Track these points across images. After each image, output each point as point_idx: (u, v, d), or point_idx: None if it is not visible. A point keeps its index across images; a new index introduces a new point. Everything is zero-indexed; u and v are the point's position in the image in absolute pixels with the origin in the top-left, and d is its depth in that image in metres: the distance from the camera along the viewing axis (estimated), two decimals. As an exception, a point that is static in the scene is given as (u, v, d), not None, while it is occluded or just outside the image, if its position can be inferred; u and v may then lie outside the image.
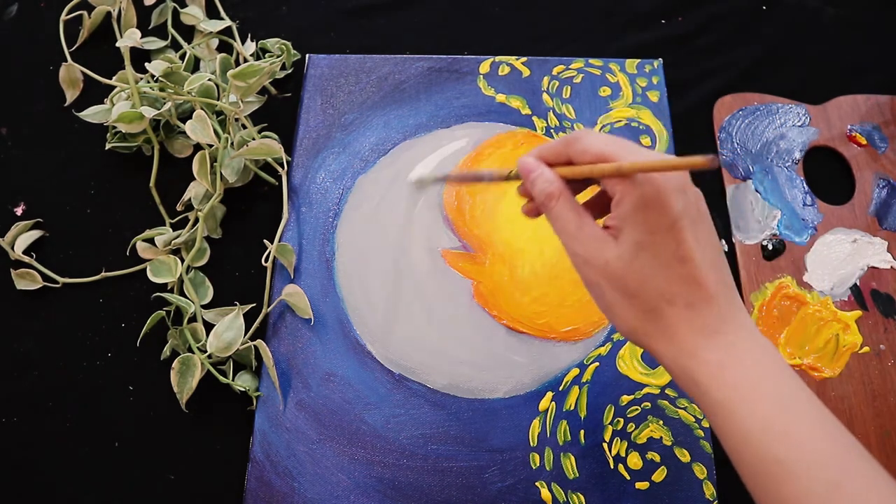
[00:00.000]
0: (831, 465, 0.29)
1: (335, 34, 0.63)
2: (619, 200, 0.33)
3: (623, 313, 0.33)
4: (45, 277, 0.53)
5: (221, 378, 0.47)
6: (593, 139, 0.34)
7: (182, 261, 0.52)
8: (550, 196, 0.35)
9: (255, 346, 0.49)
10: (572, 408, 0.48)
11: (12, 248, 0.53)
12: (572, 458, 0.46)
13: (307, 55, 0.61)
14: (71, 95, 0.60)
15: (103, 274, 0.53)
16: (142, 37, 0.58)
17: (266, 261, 0.52)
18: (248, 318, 0.50)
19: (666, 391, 0.48)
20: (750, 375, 0.32)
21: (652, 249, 0.32)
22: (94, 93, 0.60)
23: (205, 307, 0.51)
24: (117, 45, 0.57)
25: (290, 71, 0.61)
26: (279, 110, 0.59)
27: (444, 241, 0.53)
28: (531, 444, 0.47)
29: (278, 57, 0.59)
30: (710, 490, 0.45)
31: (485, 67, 0.60)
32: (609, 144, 0.33)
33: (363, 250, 0.53)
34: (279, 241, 0.53)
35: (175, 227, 0.55)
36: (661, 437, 0.47)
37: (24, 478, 0.48)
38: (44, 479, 0.48)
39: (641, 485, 0.46)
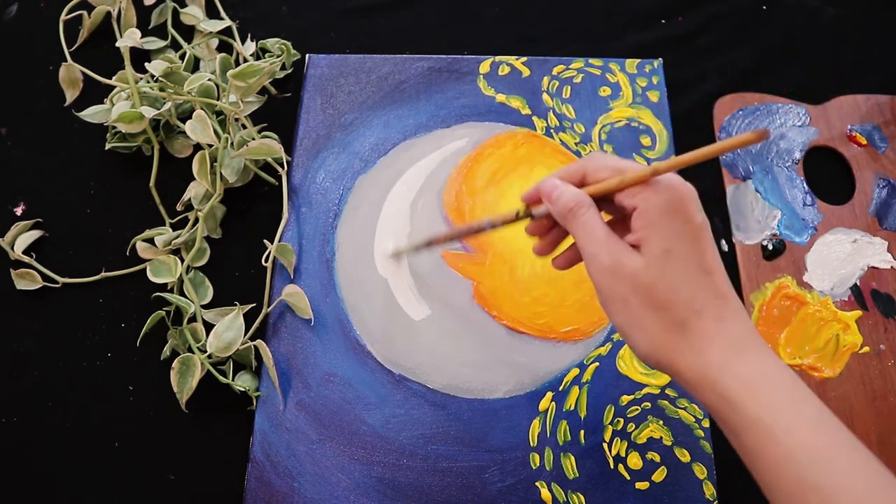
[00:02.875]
0: (873, 496, 0.28)
1: (335, 34, 0.63)
2: (643, 210, 0.32)
3: (649, 327, 0.32)
4: (45, 277, 0.53)
5: (221, 378, 0.47)
6: (606, 157, 0.35)
7: (182, 261, 0.52)
8: (580, 205, 0.34)
9: (255, 346, 0.49)
10: (572, 408, 0.48)
11: (12, 248, 0.53)
12: (572, 458, 0.46)
13: (307, 55, 0.61)
14: (71, 95, 0.60)
15: (103, 274, 0.53)
16: (142, 37, 0.58)
17: (266, 261, 0.52)
18: (248, 318, 0.50)
19: (666, 391, 0.48)
20: (785, 395, 0.31)
21: (679, 258, 0.32)
22: (94, 93, 0.60)
23: (205, 307, 0.51)
24: (117, 45, 0.57)
25: (290, 71, 0.61)
26: (279, 110, 0.59)
27: (443, 244, 0.53)
28: (531, 444, 0.47)
29: (278, 57, 0.59)
30: (710, 490, 0.45)
31: (485, 67, 0.60)
32: (622, 160, 0.34)
33: (363, 250, 0.53)
34: (279, 241, 0.53)
35: (175, 227, 0.55)
36: (661, 437, 0.47)
37: (24, 478, 0.48)
38: (44, 479, 0.48)
39: (641, 485, 0.46)
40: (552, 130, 0.57)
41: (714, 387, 0.31)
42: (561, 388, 0.48)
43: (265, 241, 0.52)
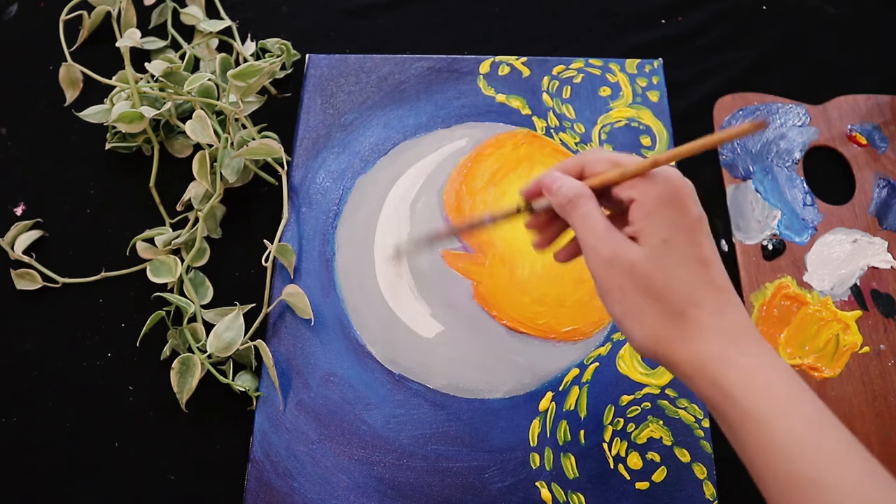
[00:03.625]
0: (866, 490, 0.29)
1: (335, 34, 0.63)
2: (641, 202, 0.33)
3: (646, 317, 0.32)
4: (45, 277, 0.53)
5: (221, 378, 0.47)
6: (604, 151, 0.36)
7: (182, 261, 0.52)
8: (579, 196, 0.34)
9: (255, 346, 0.49)
10: (572, 408, 0.48)
11: (12, 248, 0.53)
12: (572, 458, 0.46)
13: (307, 55, 0.61)
14: (71, 95, 0.60)
15: (103, 274, 0.53)
16: (142, 37, 0.58)
17: (266, 261, 0.52)
18: (248, 318, 0.50)
19: (666, 391, 0.48)
20: (781, 388, 0.31)
21: (677, 248, 0.32)
22: (94, 93, 0.60)
23: (205, 307, 0.51)
24: (117, 45, 0.57)
25: (290, 71, 0.61)
26: (279, 110, 0.59)
27: (444, 241, 0.53)
28: (531, 444, 0.47)
29: (278, 57, 0.58)
30: (710, 490, 0.45)
31: (485, 67, 0.60)
32: (620, 154, 0.35)
33: (363, 250, 0.53)
34: (279, 241, 0.53)
35: (175, 227, 0.55)
36: (661, 437, 0.47)
37: (25, 478, 0.48)
38: (44, 479, 0.48)
39: (641, 485, 0.46)
40: (552, 130, 0.57)
41: (711, 378, 0.31)
42: (561, 388, 0.48)
43: (265, 241, 0.52)
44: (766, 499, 0.31)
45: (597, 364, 0.49)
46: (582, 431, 0.47)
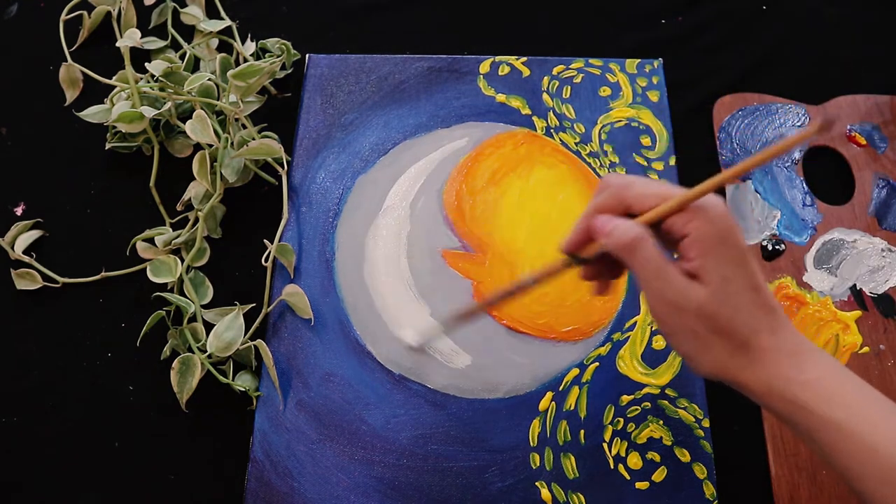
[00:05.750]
0: None
1: (335, 34, 0.63)
2: (696, 239, 0.33)
3: (714, 352, 0.34)
4: (45, 277, 0.53)
5: (221, 378, 0.47)
6: (646, 183, 0.35)
7: (182, 261, 0.52)
8: (638, 238, 0.33)
9: (255, 346, 0.49)
10: (572, 408, 0.48)
11: (12, 248, 0.53)
12: (572, 458, 0.46)
13: (307, 55, 0.61)
14: (71, 95, 0.60)
15: (103, 274, 0.53)
16: (142, 37, 0.58)
17: (266, 261, 0.52)
18: (248, 318, 0.50)
19: (666, 391, 0.48)
20: (853, 393, 0.33)
21: (736, 283, 0.33)
22: (94, 93, 0.60)
23: (205, 307, 0.51)
24: (117, 45, 0.57)
25: (290, 71, 0.61)
26: (279, 110, 0.59)
27: (444, 241, 0.53)
28: (531, 444, 0.47)
29: (278, 57, 0.58)
30: (710, 490, 0.45)
31: (485, 67, 0.60)
32: (665, 186, 0.35)
33: (363, 250, 0.53)
34: (279, 241, 0.53)
35: (175, 227, 0.55)
36: (661, 437, 0.47)
37: (25, 478, 0.48)
38: (44, 479, 0.48)
39: (641, 485, 0.46)
40: (552, 130, 0.57)
41: (782, 395, 0.33)
42: (561, 388, 0.48)
43: (265, 241, 0.52)
44: (860, 496, 0.32)
45: (597, 364, 0.49)
46: (582, 431, 0.47)
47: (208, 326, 0.49)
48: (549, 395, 0.48)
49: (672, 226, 0.34)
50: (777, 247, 0.52)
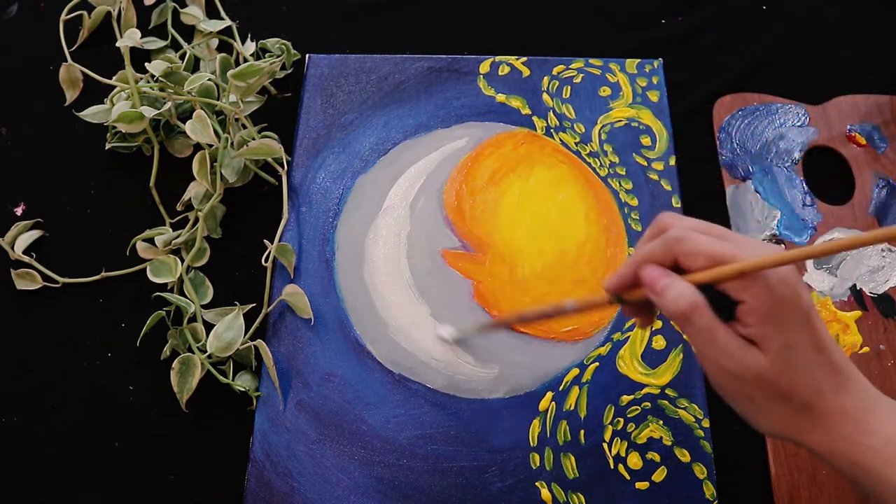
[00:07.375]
0: None
1: (335, 34, 0.63)
2: (755, 307, 0.31)
3: (774, 415, 0.33)
4: (45, 277, 0.53)
5: (221, 378, 0.47)
6: (699, 240, 0.32)
7: (182, 261, 0.52)
8: (694, 307, 0.32)
9: (255, 346, 0.49)
10: (572, 408, 0.48)
11: (12, 248, 0.53)
12: (572, 458, 0.46)
13: (307, 55, 0.61)
14: (71, 95, 0.60)
15: (103, 274, 0.53)
16: (142, 37, 0.58)
17: (266, 261, 0.52)
18: (248, 318, 0.50)
19: (666, 391, 0.48)
20: None
21: (798, 347, 0.32)
22: (94, 93, 0.60)
23: (205, 307, 0.51)
24: (117, 45, 0.57)
25: (290, 71, 0.61)
26: (279, 110, 0.59)
27: (444, 241, 0.53)
28: (531, 444, 0.47)
29: (278, 57, 0.58)
30: (710, 490, 0.45)
31: (485, 67, 0.60)
32: (718, 244, 0.32)
33: (363, 250, 0.53)
34: (279, 241, 0.53)
35: (175, 227, 0.55)
36: (661, 437, 0.47)
37: (25, 478, 0.48)
38: (44, 479, 0.48)
39: (641, 485, 0.46)
40: (552, 130, 0.57)
41: (845, 457, 0.32)
42: (561, 388, 0.48)
43: (265, 241, 0.52)
44: None
45: (597, 364, 0.49)
46: (582, 431, 0.47)
47: (208, 326, 0.49)
48: (549, 395, 0.48)
49: (727, 289, 0.32)
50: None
